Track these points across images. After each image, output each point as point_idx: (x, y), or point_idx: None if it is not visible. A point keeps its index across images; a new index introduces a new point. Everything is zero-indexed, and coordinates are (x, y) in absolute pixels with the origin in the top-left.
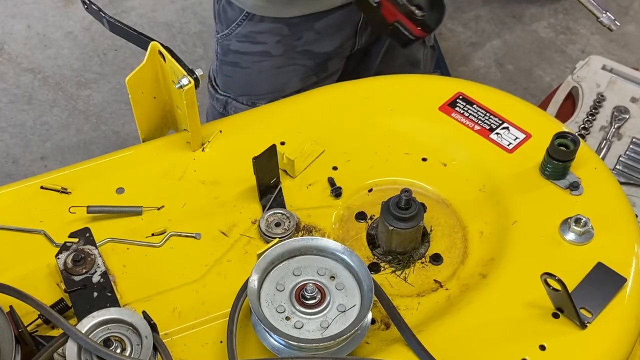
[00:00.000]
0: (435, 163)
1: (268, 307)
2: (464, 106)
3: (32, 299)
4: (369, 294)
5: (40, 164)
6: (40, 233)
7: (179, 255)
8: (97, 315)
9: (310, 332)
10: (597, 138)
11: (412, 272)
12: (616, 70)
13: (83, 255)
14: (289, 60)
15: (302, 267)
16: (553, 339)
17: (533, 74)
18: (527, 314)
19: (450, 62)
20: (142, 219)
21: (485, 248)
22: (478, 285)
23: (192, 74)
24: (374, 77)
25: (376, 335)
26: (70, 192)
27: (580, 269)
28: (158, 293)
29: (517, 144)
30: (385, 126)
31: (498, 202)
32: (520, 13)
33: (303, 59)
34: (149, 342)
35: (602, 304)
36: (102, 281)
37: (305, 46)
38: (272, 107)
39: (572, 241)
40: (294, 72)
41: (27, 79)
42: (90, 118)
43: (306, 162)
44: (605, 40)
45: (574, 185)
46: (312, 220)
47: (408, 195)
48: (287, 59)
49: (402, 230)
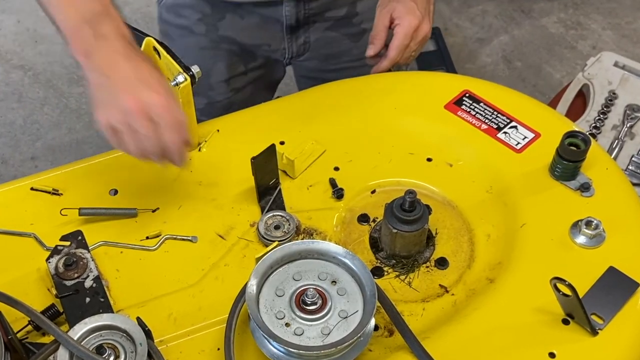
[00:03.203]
0: (440, 163)
1: (267, 313)
2: (471, 104)
3: (22, 305)
4: (371, 299)
5: (30, 164)
6: (31, 236)
7: (174, 259)
8: (90, 321)
9: (311, 339)
10: (609, 137)
11: (416, 276)
12: (629, 67)
13: (75, 259)
14: (213, 43)
15: (302, 271)
16: (563, 346)
17: (542, 71)
18: (536, 320)
19: (456, 59)
20: (137, 221)
21: (492, 252)
22: (485, 291)
23: (188, 71)
24: (377, 74)
25: (379, 342)
26: (62, 193)
27: (591, 273)
28: (153, 298)
29: (526, 143)
30: (388, 125)
31: (506, 204)
32: (529, 7)
33: (228, 44)
34: (144, 349)
35: (614, 309)
36: (94, 286)
37: (229, 31)
38: (272, 105)
39: (582, 244)
40: (219, 56)
41: (17, 76)
42: (83, 117)
43: (306, 163)
44: (617, 35)
45: (585, 187)
46: (312, 222)
47: (412, 196)
48: (211, 41)
49: (407, 233)
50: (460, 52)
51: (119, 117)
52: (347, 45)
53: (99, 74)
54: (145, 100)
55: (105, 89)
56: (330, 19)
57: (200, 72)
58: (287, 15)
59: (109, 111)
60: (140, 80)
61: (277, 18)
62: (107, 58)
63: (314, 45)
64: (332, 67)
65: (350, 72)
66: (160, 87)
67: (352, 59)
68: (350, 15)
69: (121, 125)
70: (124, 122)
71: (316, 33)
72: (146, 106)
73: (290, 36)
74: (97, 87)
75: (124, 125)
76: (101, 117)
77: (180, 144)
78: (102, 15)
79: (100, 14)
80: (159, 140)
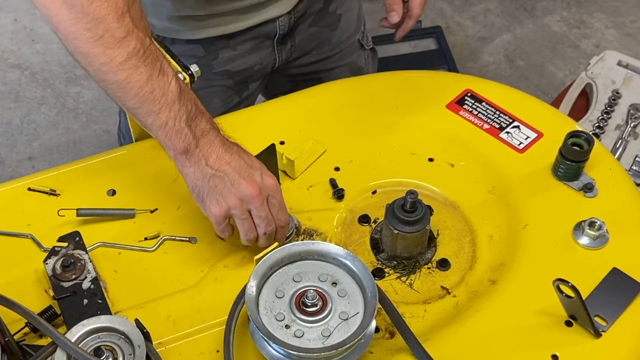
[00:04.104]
0: (442, 163)
1: (267, 315)
2: (473, 104)
3: (19, 306)
4: (372, 301)
5: (27, 164)
6: (28, 237)
7: (173, 261)
8: (88, 323)
9: (311, 341)
10: (612, 137)
11: (418, 278)
12: (632, 66)
13: (72, 260)
14: (208, 81)
15: (302, 272)
16: (566, 349)
17: (545, 70)
18: (538, 322)
19: (458, 58)
20: (135, 222)
21: (494, 253)
22: (487, 292)
23: (187, 70)
24: (378, 74)
25: (380, 345)
26: (59, 194)
27: (595, 274)
28: (151, 300)
29: (528, 143)
30: (389, 125)
31: (508, 205)
32: (531, 6)
33: (222, 79)
34: (142, 351)
35: (618, 311)
36: (92, 287)
37: (223, 66)
38: (272, 105)
39: (586, 245)
40: (214, 93)
41: (13, 75)
42: (80, 116)
43: (307, 163)
44: (620, 34)
45: (588, 187)
46: (313, 223)
47: (414, 197)
48: (206, 80)
49: (408, 234)
50: (462, 51)
51: (239, 205)
52: (327, 35)
53: (206, 168)
54: (261, 184)
55: (218, 181)
56: (311, 15)
57: (200, 71)
58: (281, 26)
59: (228, 201)
60: (250, 167)
61: (268, 34)
62: (210, 152)
63: (298, 46)
64: (314, 59)
65: (330, 60)
66: (266, 169)
67: (331, 47)
68: (326, 5)
69: (241, 213)
70: (244, 210)
71: (300, 34)
72: (264, 189)
73: (279, 46)
74: (205, 181)
75: (244, 213)
76: (219, 209)
77: (287, 221)
78: (197, 113)
79: (194, 112)
80: (273, 221)
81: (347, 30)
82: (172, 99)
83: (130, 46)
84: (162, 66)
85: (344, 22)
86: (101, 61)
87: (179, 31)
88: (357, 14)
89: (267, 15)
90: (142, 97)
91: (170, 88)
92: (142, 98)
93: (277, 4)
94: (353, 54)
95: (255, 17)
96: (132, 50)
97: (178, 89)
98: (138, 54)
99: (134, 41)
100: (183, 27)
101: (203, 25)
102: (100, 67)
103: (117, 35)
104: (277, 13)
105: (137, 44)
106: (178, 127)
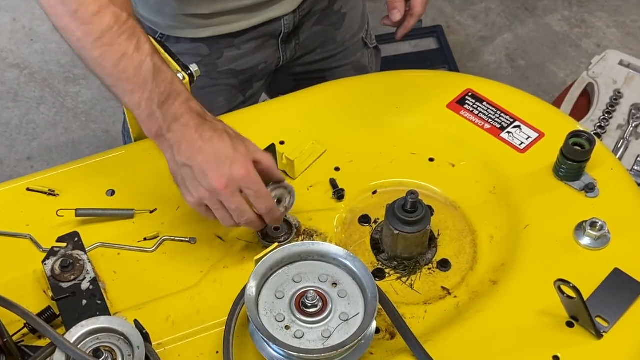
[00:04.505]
0: (443, 164)
1: (267, 316)
2: (474, 103)
3: (18, 307)
4: (373, 301)
5: (26, 164)
6: (26, 237)
7: (172, 261)
8: (86, 324)
9: (311, 342)
10: (614, 137)
11: (418, 278)
12: (634, 66)
13: (71, 260)
14: (212, 80)
15: (302, 273)
16: (567, 350)
17: (546, 69)
18: (539, 322)
19: (458, 57)
20: (134, 222)
21: (495, 253)
22: (488, 293)
23: (186, 69)
24: (378, 73)
25: (381, 345)
26: (58, 194)
27: (596, 275)
28: (151, 301)
29: (530, 143)
30: (390, 125)
31: (509, 205)
32: (532, 5)
33: (227, 78)
34: (141, 352)
35: (619, 312)
36: (91, 288)
37: (228, 65)
38: (271, 105)
39: (587, 246)
40: (218, 92)
41: (12, 75)
42: (79, 116)
43: (307, 163)
44: (622, 34)
45: (590, 187)
46: (313, 223)
47: (414, 197)
48: (211, 79)
49: (408, 234)
50: (463, 50)
51: (208, 196)
52: (331, 34)
53: (177, 156)
54: (229, 176)
55: (187, 171)
56: (316, 13)
57: (199, 71)
58: (286, 24)
59: (198, 192)
60: (219, 158)
61: (273, 33)
62: (181, 139)
63: (303, 45)
64: (318, 57)
65: (335, 59)
66: (239, 157)
67: (336, 46)
68: (331, 4)
69: (212, 203)
70: (215, 200)
71: (305, 32)
72: (232, 181)
73: (284, 45)
74: (178, 169)
75: (216, 203)
76: (191, 198)
77: (271, 207)
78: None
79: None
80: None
81: (352, 29)
82: (145, 78)
83: (104, 22)
84: (138, 43)
85: (348, 20)
86: (77, 36)
87: (183, 30)
88: (361, 13)
89: (272, 14)
90: (116, 76)
91: (144, 67)
92: (116, 77)
93: (282, 3)
94: (357, 53)
95: (260, 16)
96: (106, 26)
97: (152, 67)
98: (111, 30)
99: (108, 17)
100: (187, 25)
101: (208, 24)
102: (77, 43)
103: (91, 9)
104: (282, 12)
105: (112, 19)
106: (150, 110)
